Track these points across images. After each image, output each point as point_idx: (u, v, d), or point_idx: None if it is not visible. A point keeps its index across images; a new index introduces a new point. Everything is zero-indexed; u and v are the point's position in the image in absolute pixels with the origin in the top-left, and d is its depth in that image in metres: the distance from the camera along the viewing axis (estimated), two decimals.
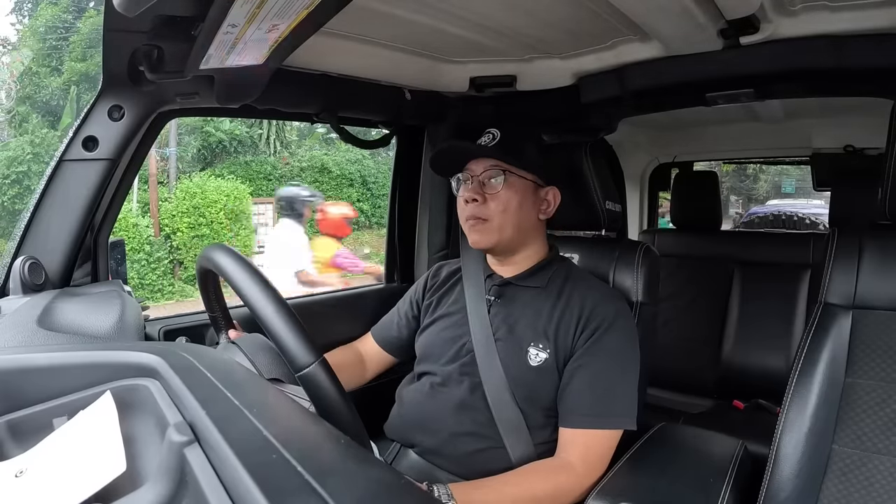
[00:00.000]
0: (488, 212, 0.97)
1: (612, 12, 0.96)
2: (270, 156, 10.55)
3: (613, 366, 0.91)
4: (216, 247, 0.65)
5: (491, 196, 0.97)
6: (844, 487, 0.80)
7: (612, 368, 0.91)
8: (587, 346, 0.92)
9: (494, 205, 0.97)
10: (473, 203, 0.97)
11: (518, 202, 0.97)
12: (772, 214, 4.46)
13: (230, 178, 9.04)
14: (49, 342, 0.71)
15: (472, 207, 0.97)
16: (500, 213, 0.96)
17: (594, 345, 0.92)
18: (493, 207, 0.97)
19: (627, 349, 0.94)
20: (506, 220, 0.97)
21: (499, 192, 0.96)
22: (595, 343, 0.92)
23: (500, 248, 1.01)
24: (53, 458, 0.42)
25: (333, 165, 10.63)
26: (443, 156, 1.03)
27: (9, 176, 7.91)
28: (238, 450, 0.33)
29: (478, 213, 0.97)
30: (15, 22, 12.50)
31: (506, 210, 0.97)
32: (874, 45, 0.97)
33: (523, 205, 0.98)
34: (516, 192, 0.97)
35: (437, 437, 0.96)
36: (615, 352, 0.92)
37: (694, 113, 1.58)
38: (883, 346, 0.83)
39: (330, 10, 0.66)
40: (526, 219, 0.99)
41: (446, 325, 1.05)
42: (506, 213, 0.97)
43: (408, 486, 0.34)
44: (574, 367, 0.92)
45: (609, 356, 0.91)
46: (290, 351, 0.54)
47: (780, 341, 1.68)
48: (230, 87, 0.91)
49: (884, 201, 0.87)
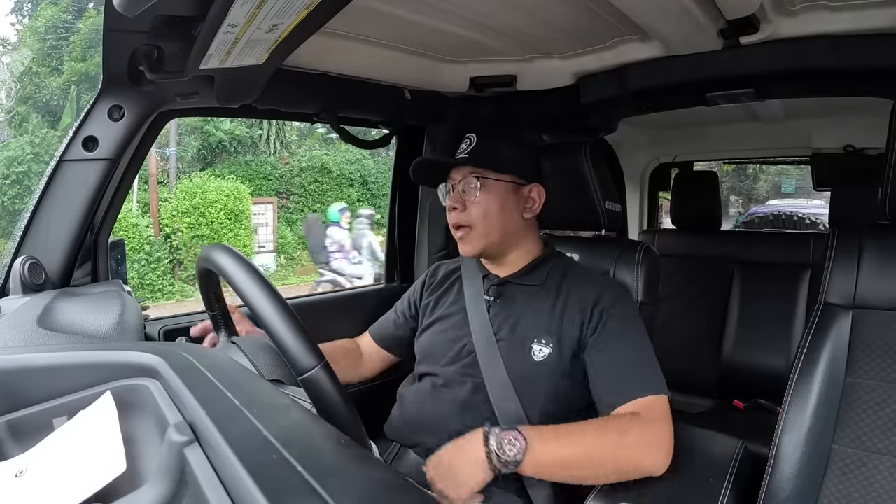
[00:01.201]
0: (470, 218, 0.98)
1: (612, 12, 0.96)
2: (270, 156, 10.54)
3: (630, 345, 0.92)
4: (216, 247, 0.65)
5: (471, 203, 0.98)
6: (844, 487, 0.80)
7: (631, 347, 0.92)
8: (597, 336, 0.92)
9: (475, 211, 0.98)
10: (454, 212, 0.99)
11: (499, 206, 0.98)
12: (772, 214, 4.47)
13: (230, 178, 9.04)
14: (49, 342, 0.71)
15: (455, 215, 0.99)
16: (481, 219, 0.98)
17: (604, 333, 0.92)
18: (474, 214, 0.98)
19: (638, 327, 0.94)
20: (489, 224, 0.98)
21: (477, 200, 0.98)
22: (604, 331, 0.92)
23: (489, 252, 1.02)
24: (53, 458, 0.42)
25: (333, 165, 10.63)
26: (419, 171, 1.05)
27: (9, 176, 7.91)
28: (238, 450, 0.33)
29: (461, 221, 0.99)
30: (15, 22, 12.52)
31: (486, 216, 0.98)
32: (874, 45, 0.97)
33: (505, 207, 0.99)
34: (496, 197, 0.98)
35: (439, 437, 0.95)
36: (627, 333, 0.93)
37: (694, 113, 1.58)
38: (883, 346, 0.83)
39: (330, 9, 0.66)
40: (510, 220, 1.00)
41: (446, 326, 1.05)
42: (487, 218, 0.98)
43: (407, 486, 0.34)
44: (591, 359, 0.92)
45: (623, 338, 0.92)
46: (292, 353, 0.54)
47: (780, 341, 1.68)
48: (230, 86, 0.91)
49: (884, 201, 0.87)
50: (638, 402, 0.86)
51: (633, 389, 0.87)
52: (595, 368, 0.92)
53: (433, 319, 1.08)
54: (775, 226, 4.23)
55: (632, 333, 0.93)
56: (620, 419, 0.84)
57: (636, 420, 0.83)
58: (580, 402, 0.96)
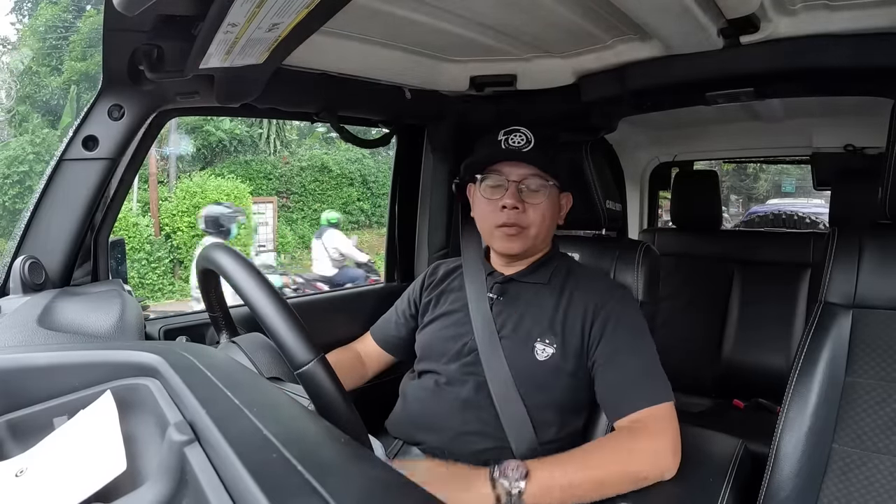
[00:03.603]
0: (528, 220, 0.96)
1: (612, 11, 0.96)
2: (270, 155, 10.54)
3: (636, 351, 0.92)
4: (215, 246, 0.65)
5: (531, 205, 0.96)
6: (844, 486, 0.80)
7: (637, 352, 0.91)
8: (603, 341, 0.92)
9: (534, 214, 0.96)
10: (513, 210, 0.95)
11: (552, 211, 0.98)
12: (772, 214, 4.47)
13: (230, 178, 9.04)
14: (49, 341, 0.71)
15: (509, 214, 0.95)
16: (538, 223, 0.96)
17: (610, 339, 0.92)
18: (532, 216, 0.96)
19: (643, 332, 0.94)
20: (542, 229, 0.97)
21: (541, 203, 0.96)
22: (610, 337, 0.92)
23: (526, 253, 1.01)
24: (54, 457, 0.42)
25: (333, 164, 10.63)
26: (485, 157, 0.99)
27: (10, 176, 7.90)
28: (238, 449, 0.33)
29: (518, 221, 0.95)
30: (15, 21, 12.52)
31: (544, 220, 0.97)
32: (874, 45, 0.97)
33: (554, 213, 0.99)
34: (551, 202, 0.98)
35: (442, 435, 0.95)
36: (633, 339, 0.93)
37: (694, 112, 1.58)
38: (883, 346, 0.84)
39: (330, 9, 0.66)
40: (552, 226, 1.01)
41: (447, 323, 1.05)
42: (543, 222, 0.97)
43: (408, 485, 0.34)
44: (600, 364, 0.92)
45: (629, 344, 0.92)
46: (288, 348, 0.54)
47: (781, 340, 1.68)
48: (230, 86, 0.90)
49: (884, 200, 0.87)
50: (645, 411, 0.86)
51: (640, 399, 0.87)
52: (602, 376, 0.91)
53: (434, 316, 1.08)
54: (775, 225, 4.23)
55: (638, 339, 0.93)
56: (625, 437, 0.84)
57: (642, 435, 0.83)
58: (583, 401, 0.96)
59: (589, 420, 0.99)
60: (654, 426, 0.84)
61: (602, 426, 0.98)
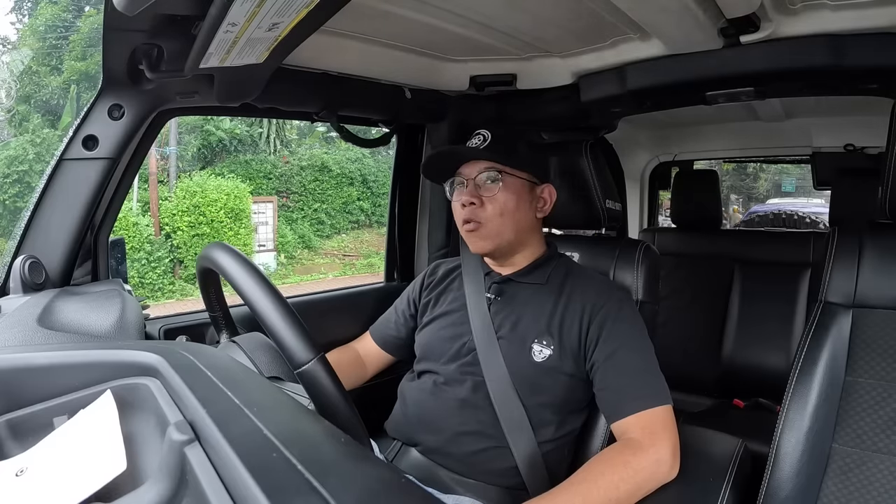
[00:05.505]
0: (485, 215, 0.96)
1: (612, 11, 0.96)
2: (270, 154, 10.53)
3: (635, 354, 0.91)
4: (216, 245, 0.65)
5: (488, 199, 0.96)
6: (844, 486, 0.80)
7: (635, 353, 0.91)
8: (602, 343, 0.92)
9: (491, 208, 0.96)
10: (470, 206, 0.96)
11: (515, 203, 0.97)
12: (772, 213, 4.47)
13: (230, 177, 9.03)
14: (49, 341, 0.71)
15: (468, 211, 0.96)
16: (497, 216, 0.96)
17: (608, 341, 0.92)
18: (490, 210, 0.96)
19: (642, 334, 0.94)
20: (504, 222, 0.96)
21: (496, 195, 0.96)
22: (609, 339, 0.92)
23: (500, 250, 1.00)
24: (54, 457, 0.42)
25: (334, 164, 10.62)
26: (434, 162, 1.02)
27: (10, 175, 7.90)
28: (238, 449, 0.33)
29: (475, 217, 0.96)
30: (15, 21, 12.51)
31: (503, 213, 0.96)
32: (874, 45, 0.97)
33: (520, 205, 0.98)
34: (513, 193, 0.97)
35: (440, 436, 0.95)
36: (631, 342, 0.92)
37: (694, 111, 1.58)
38: (883, 345, 0.84)
39: (330, 8, 0.66)
40: (524, 219, 0.99)
41: (446, 323, 1.05)
42: (503, 215, 0.96)
43: (408, 485, 0.34)
44: (598, 366, 0.91)
45: (627, 347, 0.91)
46: (288, 348, 0.54)
47: (780, 340, 1.68)
48: (230, 85, 0.90)
49: (884, 200, 0.87)
50: (642, 414, 0.86)
51: (638, 402, 0.87)
52: (600, 379, 0.91)
53: (433, 316, 1.08)
54: (775, 225, 4.23)
55: (636, 341, 0.92)
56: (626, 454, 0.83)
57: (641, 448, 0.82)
58: (582, 401, 0.96)
59: (588, 420, 0.99)
60: (651, 434, 0.84)
61: (601, 426, 0.98)
